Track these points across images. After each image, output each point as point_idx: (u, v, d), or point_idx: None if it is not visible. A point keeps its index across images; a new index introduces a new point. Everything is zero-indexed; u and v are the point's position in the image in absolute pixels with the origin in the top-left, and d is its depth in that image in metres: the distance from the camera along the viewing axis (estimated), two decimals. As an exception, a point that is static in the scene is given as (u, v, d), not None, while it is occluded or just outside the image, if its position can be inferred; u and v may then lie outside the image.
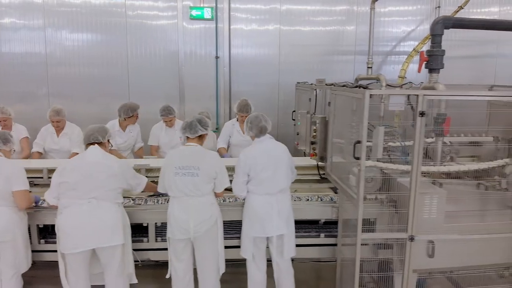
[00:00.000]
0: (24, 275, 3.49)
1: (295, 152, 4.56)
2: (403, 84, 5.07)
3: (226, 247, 3.61)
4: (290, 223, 3.59)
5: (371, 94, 2.97)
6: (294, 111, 5.33)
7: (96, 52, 6.10)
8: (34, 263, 3.61)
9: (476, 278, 3.64)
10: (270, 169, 3.47)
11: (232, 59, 6.27)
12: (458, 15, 5.95)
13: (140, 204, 3.73)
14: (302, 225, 3.88)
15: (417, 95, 3.00)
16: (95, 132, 3.40)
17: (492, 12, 6.69)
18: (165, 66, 6.12)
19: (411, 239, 3.18)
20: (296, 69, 6.36)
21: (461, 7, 6.05)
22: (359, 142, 3.08)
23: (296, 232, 3.69)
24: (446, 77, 6.44)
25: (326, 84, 4.20)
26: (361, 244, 3.53)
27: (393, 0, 6.40)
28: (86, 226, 3.16)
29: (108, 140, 3.51)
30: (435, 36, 4.05)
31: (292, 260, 3.99)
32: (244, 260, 3.67)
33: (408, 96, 3.22)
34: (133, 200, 3.75)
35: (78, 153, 4.21)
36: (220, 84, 6.12)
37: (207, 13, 5.85)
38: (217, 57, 6.07)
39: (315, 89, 4.61)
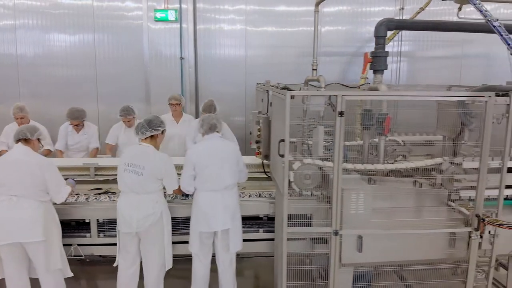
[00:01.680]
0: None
1: (252, 151, 4.68)
2: (361, 85, 5.20)
3: (180, 243, 3.74)
4: (236, 219, 3.71)
5: (292, 95, 3.10)
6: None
7: (66, 53, 6.25)
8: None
9: (423, 273, 3.76)
10: (215, 166, 3.59)
11: (200, 60, 6.41)
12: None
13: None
14: (246, 221, 3.99)
15: (336, 95, 3.12)
16: (25, 129, 3.55)
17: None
18: (132, 67, 6.27)
19: (335, 233, 3.29)
20: (264, 70, 6.48)
21: (422, 9, 6.17)
22: (282, 140, 3.20)
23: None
24: (429, 77, 6.65)
25: (270, 85, 4.31)
26: (298, 239, 3.69)
27: (357, 3, 6.57)
28: (5, 222, 3.29)
29: (39, 140, 3.61)
30: (379, 38, 4.16)
31: (238, 255, 4.13)
32: None
33: (330, 96, 3.32)
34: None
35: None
36: (185, 84, 6.25)
37: (171, 15, 5.98)
38: (181, 58, 6.20)
39: (267, 90, 4.72)
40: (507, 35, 3.19)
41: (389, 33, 6.14)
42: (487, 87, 3.70)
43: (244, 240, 3.89)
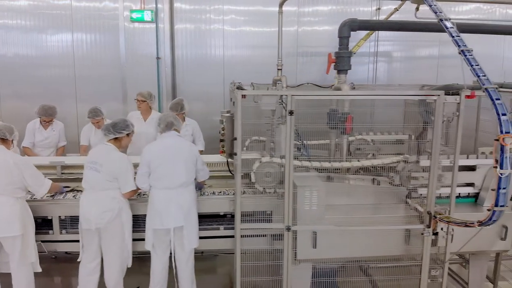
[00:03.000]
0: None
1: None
2: (333, 85, 5.25)
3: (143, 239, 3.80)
4: (191, 216, 3.75)
5: (243, 95, 3.16)
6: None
7: (45, 53, 6.31)
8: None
9: (387, 269, 3.81)
10: (170, 164, 3.64)
11: (178, 59, 6.46)
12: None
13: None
14: (208, 218, 4.04)
15: (286, 95, 3.18)
16: (4, 128, 3.63)
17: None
18: (109, 67, 6.32)
19: (288, 229, 3.35)
20: (243, 70, 6.53)
21: (396, 9, 6.20)
22: (235, 139, 3.26)
23: (200, 225, 3.88)
24: (407, 77, 6.71)
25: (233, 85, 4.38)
26: (259, 235, 3.75)
27: (336, 3, 6.63)
28: None
29: (12, 140, 3.71)
30: (342, 38, 4.23)
31: (202, 252, 4.19)
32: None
33: (281, 96, 3.38)
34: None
35: None
36: (162, 84, 6.31)
37: (147, 16, 6.04)
38: (158, 58, 6.26)
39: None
40: (458, 36, 3.24)
41: (364, 34, 6.24)
42: (443, 86, 3.77)
43: (206, 238, 3.96)
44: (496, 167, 2.65)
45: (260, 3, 6.53)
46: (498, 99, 2.72)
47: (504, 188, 2.68)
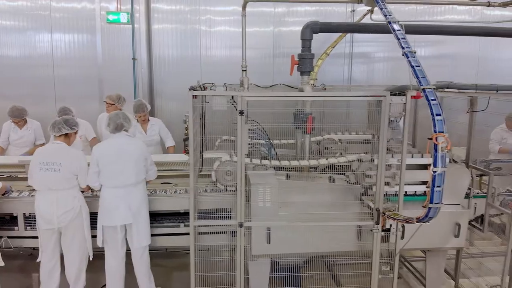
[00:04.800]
0: None
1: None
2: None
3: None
4: (141, 214, 3.86)
5: (194, 95, 3.26)
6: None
7: (24, 54, 6.42)
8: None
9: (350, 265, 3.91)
10: (118, 164, 3.76)
11: (155, 60, 6.56)
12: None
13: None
14: (169, 216, 4.16)
15: (236, 96, 3.29)
16: None
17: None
18: (87, 67, 6.43)
19: (240, 225, 3.45)
20: (222, 70, 6.61)
21: (369, 11, 6.30)
22: (187, 139, 3.36)
23: (159, 222, 4.02)
24: (384, 77, 6.81)
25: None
26: (218, 232, 3.85)
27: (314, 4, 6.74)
28: None
29: None
30: (304, 40, 4.31)
31: (167, 249, 4.27)
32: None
33: (232, 96, 3.47)
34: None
35: None
36: (138, 85, 6.41)
37: (123, 18, 6.14)
38: (134, 59, 6.37)
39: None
40: (403, 38, 3.35)
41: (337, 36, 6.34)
42: (398, 87, 3.87)
43: (167, 235, 4.07)
44: (430, 165, 2.76)
45: (236, 3, 6.62)
46: (434, 100, 2.83)
47: (438, 186, 2.78)
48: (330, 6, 6.79)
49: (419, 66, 3.06)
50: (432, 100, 2.83)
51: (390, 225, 3.54)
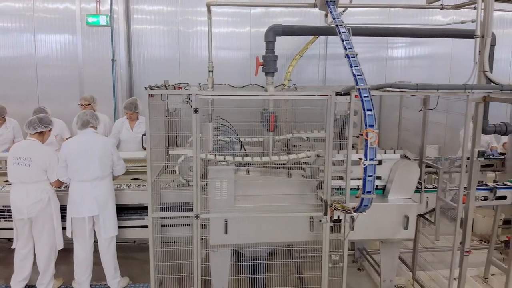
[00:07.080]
0: None
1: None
2: (278, 85, 5.57)
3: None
4: (108, 207, 4.12)
5: (150, 94, 3.48)
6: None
7: (7, 54, 6.62)
8: None
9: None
10: (84, 159, 4.01)
11: (134, 60, 6.77)
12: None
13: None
14: (138, 210, 4.40)
15: (191, 94, 3.50)
16: None
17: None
18: (68, 68, 6.65)
19: (197, 217, 3.67)
20: (202, 71, 6.81)
21: (325, 15, 6.50)
22: (144, 135, 3.59)
23: (127, 215, 4.26)
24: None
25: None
26: (183, 225, 4.05)
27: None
28: None
29: None
30: (268, 43, 4.53)
31: (135, 241, 4.48)
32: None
33: (188, 95, 3.68)
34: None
35: None
36: (117, 85, 6.63)
37: (103, 20, 6.36)
38: (113, 60, 6.58)
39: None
40: (347, 40, 3.58)
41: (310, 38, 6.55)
42: (350, 87, 4.08)
43: (134, 227, 4.30)
44: (361, 158, 2.98)
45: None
46: (366, 96, 3.06)
47: (370, 176, 3.00)
48: (306, 7, 6.98)
49: (357, 67, 3.29)
50: (365, 96, 3.06)
51: (338, 216, 3.75)
